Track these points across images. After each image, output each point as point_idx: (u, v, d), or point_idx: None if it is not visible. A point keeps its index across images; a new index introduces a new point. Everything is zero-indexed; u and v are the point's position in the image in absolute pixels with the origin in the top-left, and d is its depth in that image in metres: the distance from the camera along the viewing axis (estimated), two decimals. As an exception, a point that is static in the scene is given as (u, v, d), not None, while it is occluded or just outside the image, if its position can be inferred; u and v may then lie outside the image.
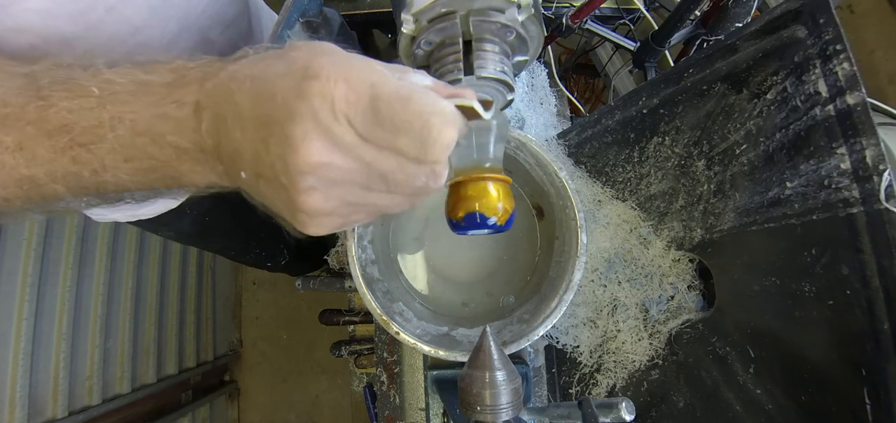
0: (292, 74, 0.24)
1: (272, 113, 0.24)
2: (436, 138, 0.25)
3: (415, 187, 0.27)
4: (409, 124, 0.24)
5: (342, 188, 0.26)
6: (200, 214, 0.70)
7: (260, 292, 1.89)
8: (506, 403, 0.35)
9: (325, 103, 0.23)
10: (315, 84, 0.23)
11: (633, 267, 0.57)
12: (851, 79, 0.39)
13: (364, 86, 0.24)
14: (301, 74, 0.24)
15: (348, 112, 0.24)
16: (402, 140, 0.25)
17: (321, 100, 0.23)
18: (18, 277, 1.01)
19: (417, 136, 0.25)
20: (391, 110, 0.24)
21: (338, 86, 0.23)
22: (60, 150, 0.27)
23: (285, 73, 0.24)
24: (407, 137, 0.25)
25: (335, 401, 1.79)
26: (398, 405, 0.59)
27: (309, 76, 0.24)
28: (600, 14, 0.85)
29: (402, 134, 0.25)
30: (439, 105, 0.25)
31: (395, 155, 0.26)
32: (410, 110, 0.24)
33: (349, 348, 0.94)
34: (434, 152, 0.25)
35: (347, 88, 0.24)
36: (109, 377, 1.24)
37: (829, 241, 0.41)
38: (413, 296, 0.56)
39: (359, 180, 0.26)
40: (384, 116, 0.24)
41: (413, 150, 0.25)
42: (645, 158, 0.57)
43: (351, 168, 0.25)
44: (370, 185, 0.26)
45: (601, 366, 0.58)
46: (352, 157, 0.25)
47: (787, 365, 0.45)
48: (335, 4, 0.73)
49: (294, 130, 0.23)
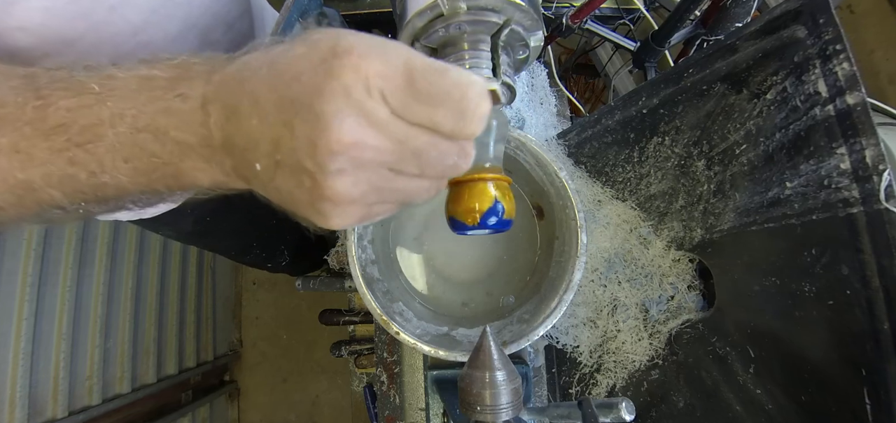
0: (318, 53, 0.23)
1: (297, 94, 0.23)
2: (474, 109, 0.24)
3: (445, 166, 0.27)
4: (448, 95, 0.24)
5: (372, 171, 0.24)
6: (202, 214, 0.70)
7: (260, 292, 1.89)
8: (506, 403, 0.35)
9: (359, 79, 0.22)
10: (347, 59, 0.22)
11: (633, 267, 0.57)
12: (851, 79, 0.39)
13: (399, 60, 0.23)
14: (329, 51, 0.23)
15: (383, 87, 0.23)
16: (440, 112, 0.24)
17: (354, 75, 0.22)
18: (18, 277, 1.01)
19: (456, 106, 0.24)
20: (428, 82, 0.23)
21: (372, 61, 0.23)
22: (57, 151, 0.26)
23: (309, 53, 0.23)
24: (444, 109, 0.24)
25: (335, 401, 1.79)
26: (398, 405, 0.59)
27: (338, 53, 0.23)
28: (600, 14, 0.85)
29: (440, 105, 0.24)
30: (474, 77, 0.25)
31: (428, 132, 0.25)
32: (448, 81, 0.24)
33: (349, 348, 0.94)
34: (472, 124, 0.25)
35: (382, 62, 0.23)
36: (109, 377, 1.24)
37: (829, 241, 0.41)
38: (413, 296, 0.56)
39: (390, 160, 0.25)
40: (421, 88, 0.23)
41: (450, 122, 0.24)
42: (645, 158, 0.57)
43: (384, 147, 0.24)
44: (401, 166, 0.25)
45: (601, 366, 0.58)
46: (385, 134, 0.24)
47: (787, 365, 0.45)
48: (335, 4, 0.73)
49: (325, 107, 0.22)
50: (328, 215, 0.25)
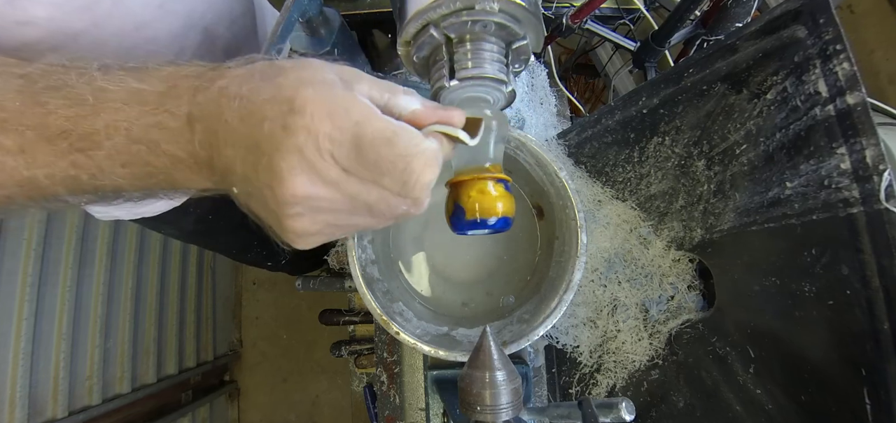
0: (279, 103, 0.25)
1: (260, 140, 0.25)
2: (416, 181, 0.26)
3: (397, 215, 0.29)
4: (392, 165, 0.26)
5: (327, 214, 0.27)
6: (203, 212, 0.70)
7: (260, 292, 1.89)
8: (506, 403, 0.35)
9: (310, 140, 0.24)
10: (300, 120, 0.24)
11: (633, 267, 0.57)
12: (851, 79, 0.39)
13: (348, 124, 0.25)
14: (288, 105, 0.24)
15: (332, 150, 0.25)
16: (385, 179, 0.26)
17: (306, 136, 0.24)
18: (18, 277, 1.01)
19: (399, 177, 0.26)
20: (374, 152, 0.25)
21: (322, 123, 0.24)
22: (60, 154, 0.27)
23: (272, 99, 0.25)
24: (390, 177, 0.26)
25: (335, 401, 1.79)
26: (398, 405, 0.59)
27: (294, 110, 0.24)
28: (600, 14, 0.85)
29: (385, 174, 0.26)
30: (421, 147, 0.27)
31: (377, 188, 0.27)
32: (393, 153, 0.25)
33: (349, 348, 0.94)
34: (415, 191, 0.27)
35: (332, 125, 0.24)
36: (109, 377, 1.24)
37: (829, 241, 0.41)
38: (413, 296, 0.56)
39: (343, 208, 0.27)
40: (367, 156, 0.25)
41: (395, 187, 0.27)
42: (645, 158, 0.57)
43: (335, 199, 0.26)
44: (354, 211, 0.28)
45: (601, 366, 0.58)
46: (336, 189, 0.26)
47: (787, 365, 0.45)
48: (335, 4, 0.73)
49: (280, 162, 0.24)
50: (292, 241, 0.29)
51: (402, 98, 0.29)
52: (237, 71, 0.27)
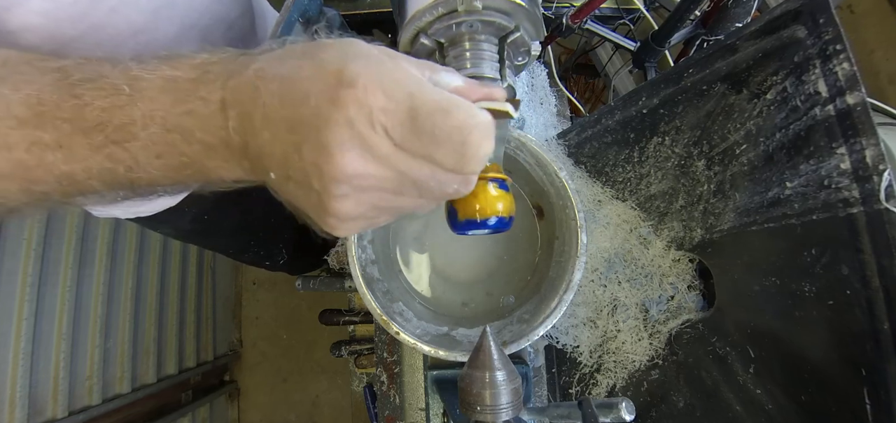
0: (324, 78, 0.24)
1: (305, 117, 0.24)
2: (474, 153, 0.25)
3: (445, 193, 0.28)
4: (449, 137, 0.24)
5: (374, 194, 0.26)
6: (200, 212, 0.70)
7: (260, 292, 1.89)
8: (506, 403, 0.35)
9: (363, 113, 0.23)
10: (351, 92, 0.23)
11: (633, 267, 0.57)
12: (851, 79, 0.39)
13: (402, 95, 0.24)
14: (335, 79, 0.23)
15: (386, 122, 0.23)
16: (441, 151, 0.25)
17: (358, 109, 0.23)
18: (18, 277, 1.01)
19: (456, 149, 0.25)
20: (431, 122, 0.24)
21: (376, 95, 0.23)
22: (96, 148, 0.27)
23: (316, 75, 0.24)
24: (445, 150, 0.25)
25: (335, 401, 1.79)
26: (398, 405, 0.59)
27: (344, 83, 0.23)
28: (600, 14, 0.85)
29: (441, 146, 0.24)
30: (478, 118, 0.25)
31: (429, 164, 0.25)
32: (450, 124, 0.24)
33: (349, 348, 0.94)
34: (472, 165, 0.26)
35: (386, 97, 0.23)
36: (109, 377, 1.24)
37: (829, 241, 0.41)
38: (413, 296, 0.56)
39: (391, 187, 0.26)
40: (423, 127, 0.24)
41: (450, 161, 0.25)
42: (645, 158, 0.57)
43: (385, 176, 0.25)
44: (402, 190, 0.26)
45: (601, 366, 0.58)
46: (386, 166, 0.25)
47: (787, 365, 0.45)
48: (335, 4, 0.73)
49: (329, 138, 0.23)
50: (333, 227, 0.27)
51: (444, 75, 0.28)
52: (272, 54, 0.26)
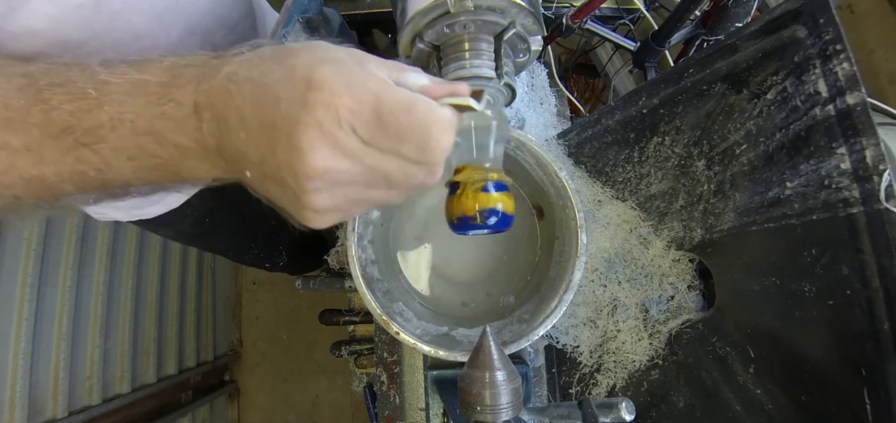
0: (294, 82, 0.25)
1: (277, 120, 0.25)
2: (436, 145, 0.27)
3: (413, 184, 0.29)
4: (411, 132, 0.26)
5: (346, 188, 0.27)
6: (201, 214, 0.70)
7: (260, 292, 1.89)
8: (506, 403, 0.35)
9: (330, 114, 0.24)
10: (319, 95, 0.24)
11: (633, 267, 0.57)
12: (851, 79, 0.39)
13: (367, 96, 0.25)
14: (304, 83, 0.25)
15: (353, 121, 0.25)
16: (405, 146, 0.27)
17: (326, 110, 0.24)
18: (18, 277, 1.01)
19: (419, 142, 0.27)
20: (394, 120, 0.26)
21: (342, 97, 0.25)
22: (65, 150, 0.27)
23: (286, 80, 0.25)
24: (409, 144, 0.27)
25: (335, 401, 1.78)
26: (398, 405, 0.59)
27: (313, 86, 0.25)
28: (600, 14, 0.84)
29: (405, 141, 0.26)
30: (438, 113, 0.27)
31: (396, 158, 0.27)
32: (412, 120, 0.26)
33: (349, 348, 0.94)
34: (434, 156, 0.28)
35: (351, 99, 0.25)
36: (109, 377, 1.24)
37: (829, 241, 0.41)
38: (413, 296, 0.56)
39: (362, 180, 0.27)
40: (387, 124, 0.26)
41: (414, 154, 0.27)
42: (645, 158, 0.57)
43: (355, 171, 0.27)
44: (372, 183, 0.28)
45: (601, 366, 0.58)
46: (356, 161, 0.26)
47: (787, 365, 0.45)
48: (335, 4, 0.73)
49: (301, 139, 0.25)
50: (309, 219, 0.29)
51: (411, 75, 0.29)
52: (242, 57, 0.27)
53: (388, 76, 0.28)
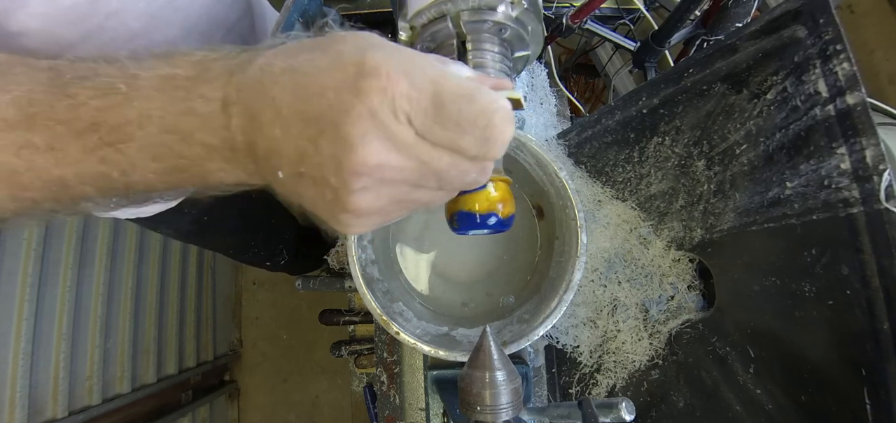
0: (343, 69, 0.23)
1: (323, 111, 0.23)
2: (498, 137, 0.25)
3: (464, 183, 0.27)
4: (473, 123, 0.24)
5: (393, 187, 0.25)
6: (199, 213, 0.70)
7: (260, 292, 1.89)
8: (506, 403, 0.35)
9: (386, 102, 0.22)
10: (374, 81, 0.22)
11: (633, 267, 0.57)
12: (851, 79, 0.39)
13: (426, 83, 0.23)
14: (355, 69, 0.23)
15: (410, 110, 0.23)
16: (465, 138, 0.24)
17: (381, 98, 0.22)
18: (18, 277, 1.01)
19: (481, 134, 0.24)
20: (456, 109, 0.23)
21: (400, 83, 0.23)
22: (90, 150, 0.26)
23: (333, 67, 0.23)
24: (470, 136, 0.24)
25: (335, 401, 1.79)
26: (398, 405, 0.59)
27: (366, 72, 0.22)
28: (600, 14, 0.84)
29: (466, 132, 0.24)
30: (500, 102, 0.25)
31: (450, 153, 0.25)
32: (475, 109, 0.24)
33: (349, 348, 0.94)
34: (495, 150, 0.25)
35: (410, 85, 0.23)
36: (109, 377, 1.24)
37: (829, 241, 0.41)
38: (413, 296, 0.56)
39: (412, 179, 0.25)
40: (449, 114, 0.23)
41: (474, 147, 0.25)
42: (645, 158, 0.57)
43: (407, 167, 0.24)
44: (421, 182, 0.26)
45: (601, 366, 0.58)
46: (409, 156, 0.24)
47: (787, 365, 0.45)
48: (335, 4, 0.73)
49: (351, 129, 0.22)
50: (348, 224, 0.26)
51: (454, 65, 0.27)
52: (279, 48, 0.26)
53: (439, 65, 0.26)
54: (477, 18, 0.36)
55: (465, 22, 0.36)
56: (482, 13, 0.36)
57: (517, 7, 0.37)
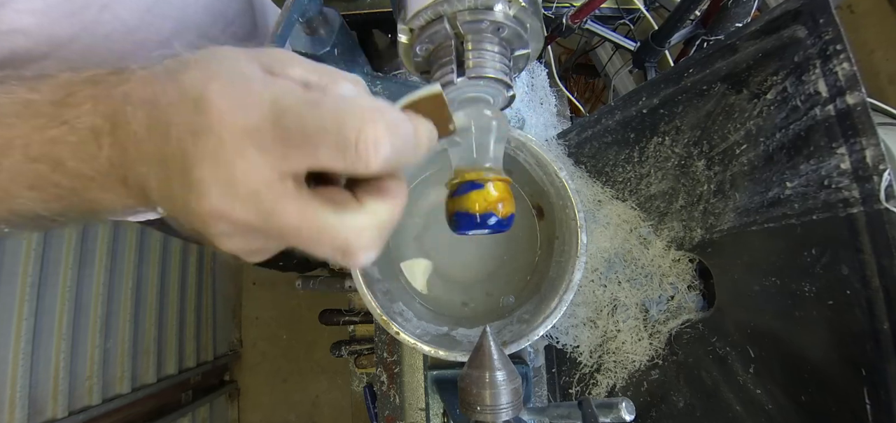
0: (184, 105, 0.21)
1: (170, 153, 0.21)
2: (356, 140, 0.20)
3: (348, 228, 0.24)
4: (322, 128, 0.20)
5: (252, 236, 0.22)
6: None
7: (260, 292, 1.89)
8: (506, 403, 0.35)
9: (223, 139, 0.20)
10: (207, 117, 0.20)
11: (633, 267, 0.57)
12: (851, 79, 0.39)
13: (264, 105, 0.20)
14: (193, 105, 0.20)
15: (252, 141, 0.20)
16: (321, 151, 0.20)
17: (218, 139, 0.20)
18: (18, 277, 1.01)
19: (335, 141, 0.20)
20: (298, 120, 0.20)
21: (234, 118, 0.20)
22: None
23: (178, 101, 0.21)
24: (324, 146, 0.20)
25: (335, 401, 1.79)
26: (398, 405, 0.59)
27: (201, 109, 0.20)
28: (600, 14, 0.84)
29: (318, 143, 0.20)
30: (357, 103, 0.21)
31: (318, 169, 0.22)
32: (319, 113, 0.20)
33: (349, 348, 0.94)
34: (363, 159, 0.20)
35: (245, 114, 0.20)
36: (109, 377, 1.25)
37: (829, 241, 0.41)
38: (413, 296, 0.56)
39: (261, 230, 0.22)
40: (292, 129, 0.20)
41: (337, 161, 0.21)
42: (645, 158, 0.57)
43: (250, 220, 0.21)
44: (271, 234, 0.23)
45: (601, 366, 0.58)
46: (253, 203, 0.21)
47: (787, 365, 0.45)
48: (335, 4, 0.73)
49: (193, 175, 0.20)
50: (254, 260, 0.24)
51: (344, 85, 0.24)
52: (144, 72, 0.23)
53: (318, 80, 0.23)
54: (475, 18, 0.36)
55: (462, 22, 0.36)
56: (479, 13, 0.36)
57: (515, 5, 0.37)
